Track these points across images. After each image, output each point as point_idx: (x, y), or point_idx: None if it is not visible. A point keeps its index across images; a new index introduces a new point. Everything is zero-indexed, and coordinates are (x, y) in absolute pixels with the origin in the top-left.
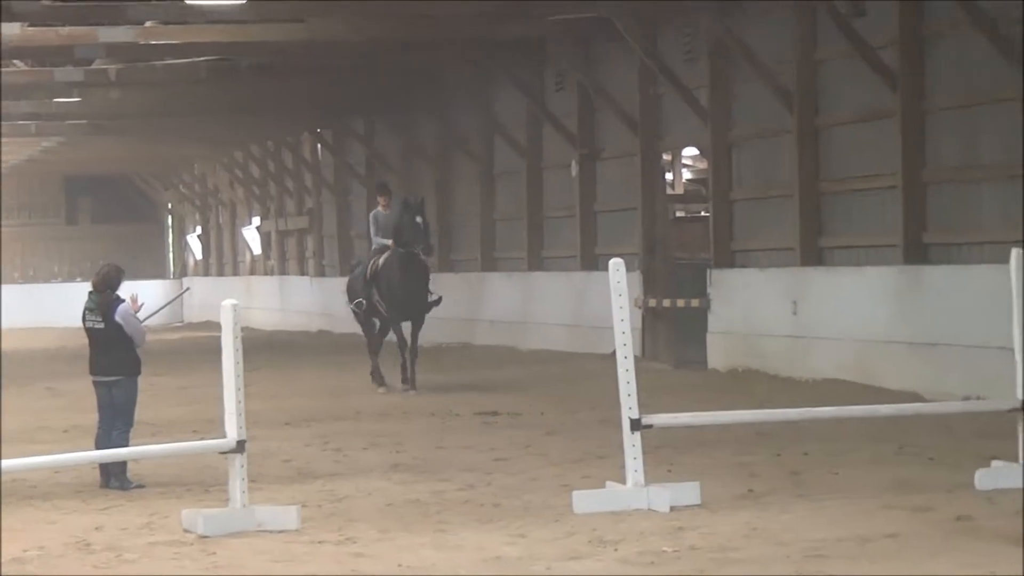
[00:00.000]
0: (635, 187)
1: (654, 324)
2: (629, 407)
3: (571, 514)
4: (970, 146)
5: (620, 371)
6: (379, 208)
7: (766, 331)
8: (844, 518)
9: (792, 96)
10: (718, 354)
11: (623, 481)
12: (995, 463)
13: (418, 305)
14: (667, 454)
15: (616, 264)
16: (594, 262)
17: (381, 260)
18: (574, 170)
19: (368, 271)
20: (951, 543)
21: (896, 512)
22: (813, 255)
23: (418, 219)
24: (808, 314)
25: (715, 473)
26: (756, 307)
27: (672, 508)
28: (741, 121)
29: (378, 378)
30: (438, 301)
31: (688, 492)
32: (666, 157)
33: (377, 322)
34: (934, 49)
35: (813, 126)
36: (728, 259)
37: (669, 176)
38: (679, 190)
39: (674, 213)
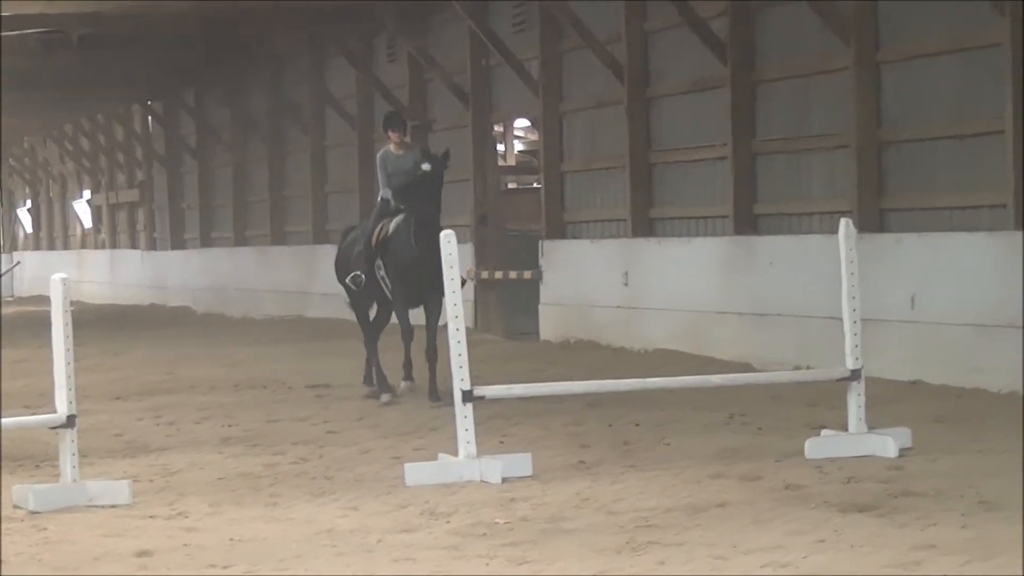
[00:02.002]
0: (466, 158)
1: (486, 295)
2: (461, 379)
3: (403, 486)
4: (799, 117)
5: (452, 342)
6: (389, 147)
7: (598, 302)
8: (674, 487)
9: (622, 67)
10: (550, 325)
11: (455, 453)
12: (824, 432)
13: (436, 286)
14: (499, 425)
15: (447, 235)
16: None
17: (392, 225)
18: None
19: (375, 237)
20: (780, 511)
21: (726, 481)
22: (644, 226)
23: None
24: (639, 285)
25: (547, 444)
26: (588, 278)
27: (504, 479)
28: (572, 92)
29: (382, 383)
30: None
31: (520, 463)
32: (497, 128)
33: (375, 306)
34: (763, 20)
35: (643, 97)
36: (560, 230)
37: (501, 147)
38: (511, 161)
39: (506, 184)
